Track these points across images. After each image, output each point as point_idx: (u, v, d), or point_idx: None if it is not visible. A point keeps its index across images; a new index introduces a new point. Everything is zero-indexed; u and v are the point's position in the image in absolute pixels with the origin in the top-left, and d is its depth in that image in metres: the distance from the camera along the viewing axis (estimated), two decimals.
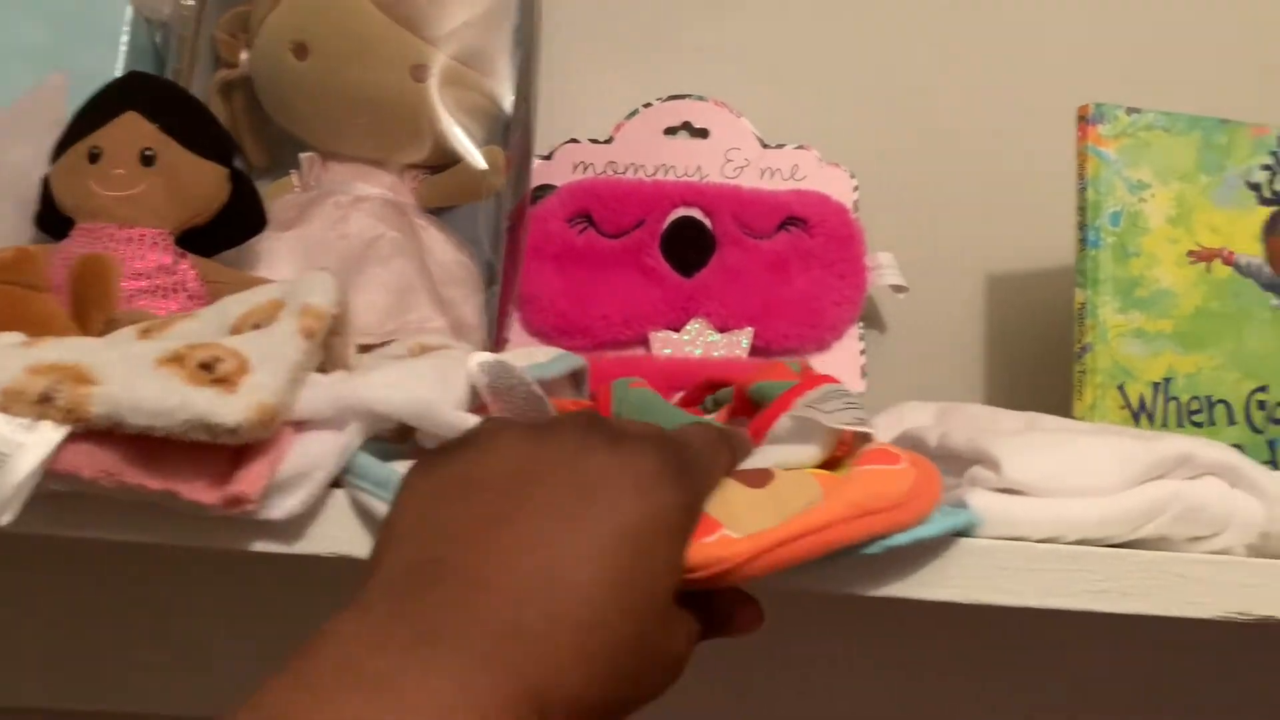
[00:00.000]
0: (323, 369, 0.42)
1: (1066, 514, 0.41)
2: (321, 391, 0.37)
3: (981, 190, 0.77)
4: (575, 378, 0.59)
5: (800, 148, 0.75)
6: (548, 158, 0.74)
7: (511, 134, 0.64)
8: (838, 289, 0.71)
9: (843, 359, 0.72)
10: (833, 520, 0.36)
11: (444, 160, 0.65)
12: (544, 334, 0.70)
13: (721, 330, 0.70)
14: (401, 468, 0.36)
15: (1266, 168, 0.64)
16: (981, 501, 0.42)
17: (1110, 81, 0.75)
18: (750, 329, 0.70)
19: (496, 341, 0.66)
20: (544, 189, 0.73)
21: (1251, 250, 0.63)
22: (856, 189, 0.75)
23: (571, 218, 0.71)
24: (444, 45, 0.63)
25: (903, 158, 0.78)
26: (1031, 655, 0.68)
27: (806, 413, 0.42)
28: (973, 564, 0.40)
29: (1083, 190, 0.63)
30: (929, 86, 0.78)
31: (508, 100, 0.64)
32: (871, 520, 0.36)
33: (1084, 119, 0.63)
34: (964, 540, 0.40)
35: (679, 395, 0.60)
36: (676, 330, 0.70)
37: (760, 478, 0.39)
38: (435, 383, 0.40)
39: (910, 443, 0.49)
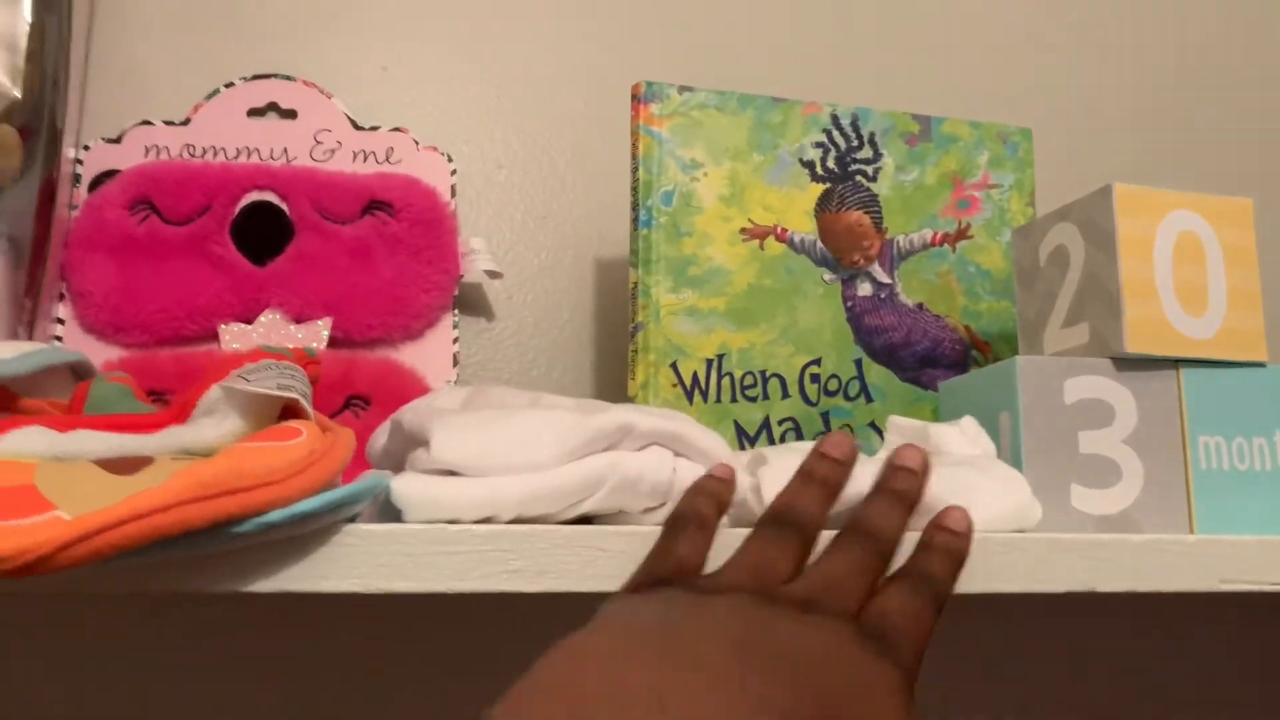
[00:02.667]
0: None
1: (494, 494, 0.40)
2: None
3: (584, 174, 0.76)
4: (78, 372, 0.54)
5: (396, 130, 0.72)
6: (116, 141, 0.69)
7: (26, 112, 0.59)
8: (426, 275, 0.69)
9: (435, 348, 0.69)
10: (175, 500, 0.33)
11: None
12: (99, 331, 0.65)
13: (298, 321, 0.67)
14: None
15: (819, 145, 0.65)
16: (406, 484, 0.40)
17: (672, 61, 0.75)
18: (329, 319, 0.67)
19: (28, 335, 0.61)
20: (109, 175, 0.68)
21: (804, 227, 0.64)
22: (454, 172, 0.72)
23: (132, 205, 0.66)
24: None
25: (504, 140, 0.76)
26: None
27: (232, 382, 0.40)
28: (375, 551, 0.38)
29: (635, 170, 0.62)
30: (525, 68, 0.77)
31: (14, 77, 0.59)
32: (232, 500, 0.34)
33: (636, 98, 0.63)
34: (364, 526, 0.38)
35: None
36: (249, 322, 0.67)
37: (132, 465, 0.36)
38: None
39: (392, 426, 0.47)
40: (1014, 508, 0.45)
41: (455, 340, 0.70)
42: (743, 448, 0.62)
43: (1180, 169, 0.87)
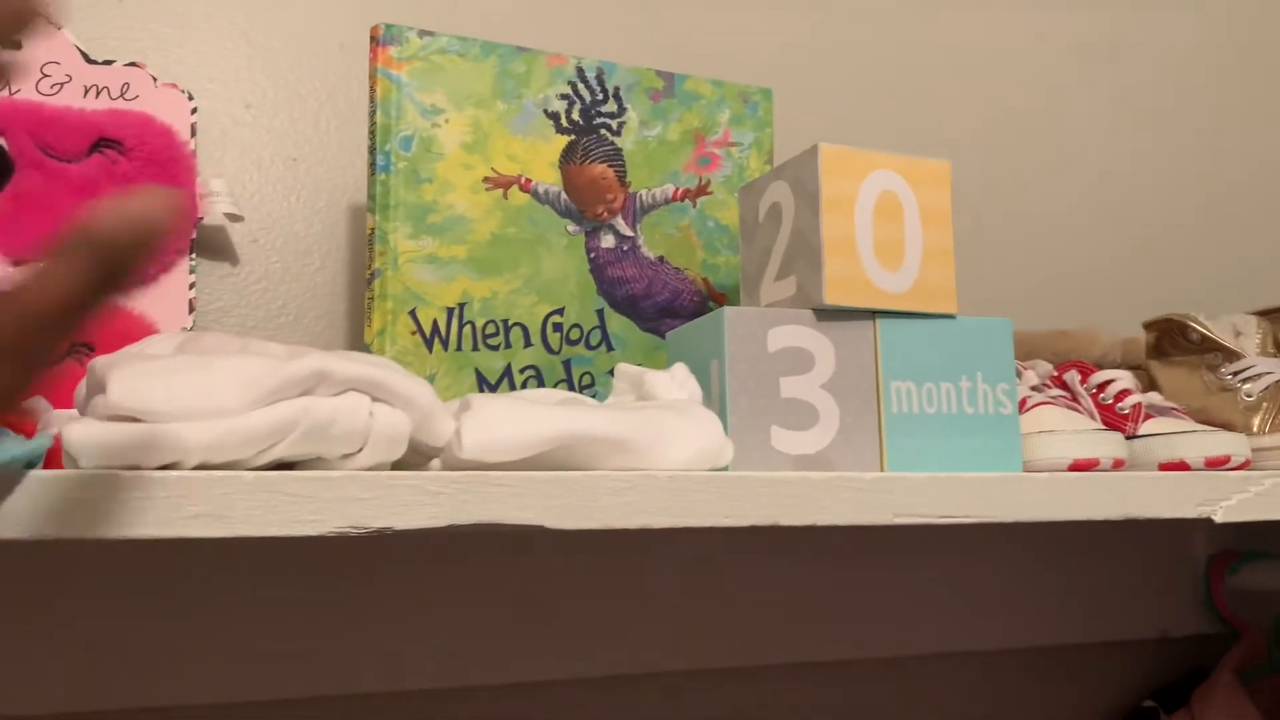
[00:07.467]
0: None
1: (172, 439, 0.39)
2: None
3: (337, 117, 0.75)
4: None
5: (132, 65, 0.69)
6: None
7: None
8: None
9: (169, 293, 0.67)
10: None
11: None
12: None
13: (18, 264, 0.63)
14: None
15: (564, 97, 0.66)
16: (75, 430, 0.39)
17: (419, 4, 0.75)
18: None
19: None
20: None
21: (549, 178, 0.65)
22: (195, 111, 0.70)
23: None
24: None
25: (253, 79, 0.74)
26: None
27: None
28: (48, 497, 0.37)
29: (373, 114, 0.61)
30: (277, 4, 0.75)
31: None
32: None
33: (375, 40, 0.62)
34: (42, 473, 0.37)
35: None
36: None
37: None
38: None
39: (88, 372, 0.46)
40: (708, 448, 0.48)
41: (192, 286, 0.68)
42: None
43: (892, 133, 0.92)
